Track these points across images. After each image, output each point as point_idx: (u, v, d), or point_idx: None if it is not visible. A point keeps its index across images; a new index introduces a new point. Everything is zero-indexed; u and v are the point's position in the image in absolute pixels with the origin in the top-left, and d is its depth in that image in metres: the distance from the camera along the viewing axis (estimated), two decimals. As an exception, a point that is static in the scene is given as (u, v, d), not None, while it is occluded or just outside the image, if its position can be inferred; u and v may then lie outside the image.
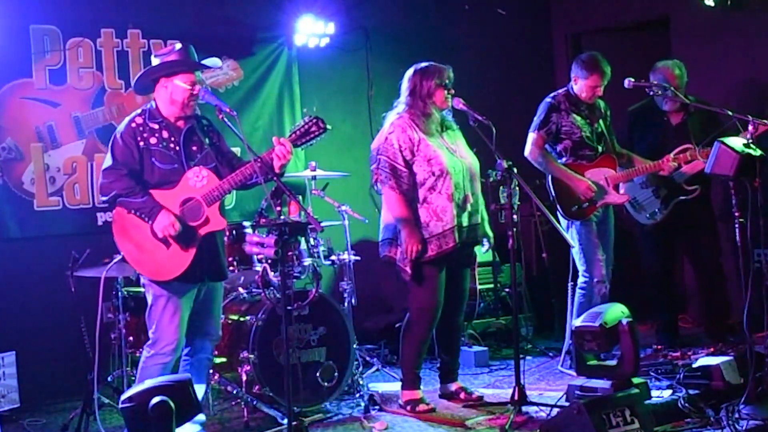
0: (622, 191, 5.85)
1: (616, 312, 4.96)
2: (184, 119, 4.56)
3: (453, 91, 5.13)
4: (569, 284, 5.87)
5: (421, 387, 5.26)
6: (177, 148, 4.51)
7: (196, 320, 4.59)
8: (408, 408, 5.14)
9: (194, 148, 4.56)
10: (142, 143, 4.46)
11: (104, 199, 4.52)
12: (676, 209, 6.01)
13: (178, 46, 4.53)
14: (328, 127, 4.57)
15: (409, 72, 5.19)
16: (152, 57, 4.66)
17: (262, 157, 4.43)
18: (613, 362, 5.03)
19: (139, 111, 4.57)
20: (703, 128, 5.89)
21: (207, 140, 4.60)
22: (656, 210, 6.03)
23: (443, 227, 5.04)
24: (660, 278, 6.34)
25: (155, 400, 3.95)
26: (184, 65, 4.49)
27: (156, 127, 4.50)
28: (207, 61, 4.66)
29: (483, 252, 5.48)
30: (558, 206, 5.76)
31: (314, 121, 4.55)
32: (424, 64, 5.18)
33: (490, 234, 5.28)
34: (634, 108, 6.27)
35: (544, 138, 5.78)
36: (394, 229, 5.13)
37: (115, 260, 4.79)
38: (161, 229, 4.39)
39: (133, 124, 4.49)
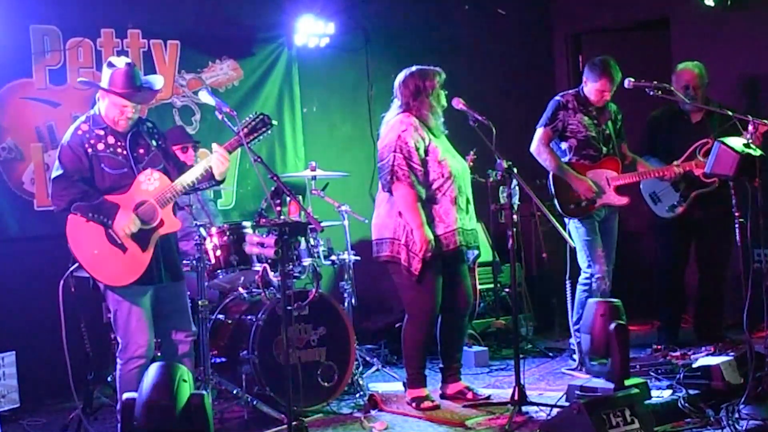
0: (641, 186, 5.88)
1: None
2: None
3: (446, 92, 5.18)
4: (567, 282, 5.88)
5: (427, 385, 5.26)
6: (124, 152, 4.48)
7: (161, 322, 4.56)
8: (413, 405, 5.14)
9: (141, 150, 4.53)
10: (90, 150, 4.43)
11: (60, 208, 4.44)
12: (696, 205, 5.97)
13: (123, 64, 4.42)
14: (274, 122, 4.58)
15: (404, 75, 5.17)
16: (104, 66, 4.53)
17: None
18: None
19: (83, 118, 4.54)
20: (722, 124, 5.84)
21: (153, 142, 4.58)
22: (675, 203, 6.00)
23: (445, 229, 5.05)
24: (670, 276, 6.29)
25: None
26: (113, 90, 4.41)
27: (101, 133, 4.47)
28: (150, 78, 4.57)
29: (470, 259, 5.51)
30: (556, 202, 5.76)
31: (260, 118, 4.53)
32: (418, 67, 5.17)
33: (478, 244, 5.36)
34: (655, 114, 6.25)
35: (550, 135, 5.81)
36: (396, 228, 5.11)
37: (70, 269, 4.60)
38: (122, 228, 4.36)
39: (80, 132, 4.46)
